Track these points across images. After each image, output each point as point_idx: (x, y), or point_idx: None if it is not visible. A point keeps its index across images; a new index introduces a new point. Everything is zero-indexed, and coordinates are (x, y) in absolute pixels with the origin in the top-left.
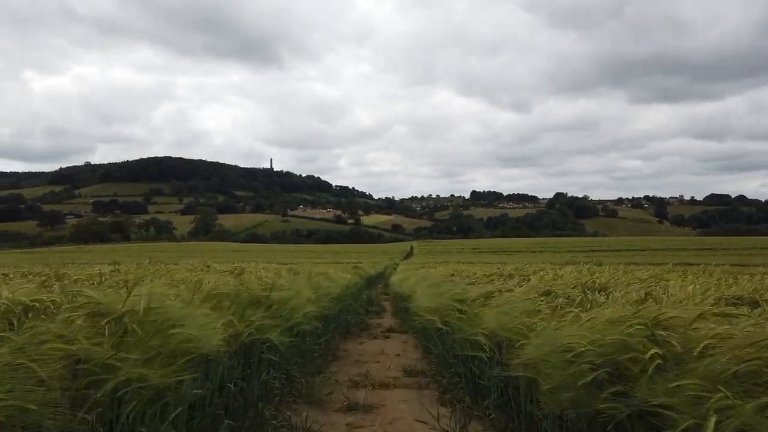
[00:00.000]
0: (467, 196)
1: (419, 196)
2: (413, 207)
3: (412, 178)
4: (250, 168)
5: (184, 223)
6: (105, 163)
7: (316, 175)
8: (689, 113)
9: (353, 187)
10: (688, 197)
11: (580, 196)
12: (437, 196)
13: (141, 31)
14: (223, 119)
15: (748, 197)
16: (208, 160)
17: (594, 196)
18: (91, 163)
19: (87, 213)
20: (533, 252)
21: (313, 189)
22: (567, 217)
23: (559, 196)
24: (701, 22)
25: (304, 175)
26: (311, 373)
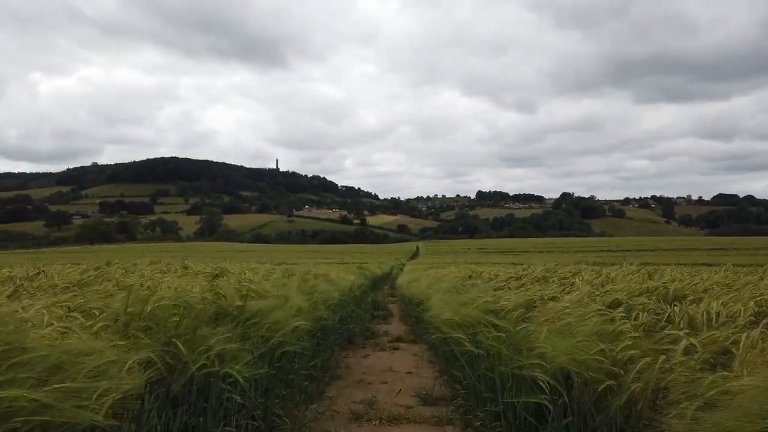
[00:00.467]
0: (473, 196)
1: (425, 197)
2: (419, 207)
3: (418, 178)
4: (256, 168)
5: (189, 223)
6: (112, 163)
7: (322, 176)
8: (695, 113)
9: (359, 188)
10: (695, 197)
11: (587, 197)
12: (443, 196)
13: (145, 32)
14: (228, 120)
15: (757, 197)
16: (214, 160)
17: (600, 196)
18: (98, 164)
19: (94, 213)
20: (541, 252)
21: (319, 189)
22: (573, 217)
23: (566, 197)
24: (706, 21)
25: (309, 175)
26: (301, 403)
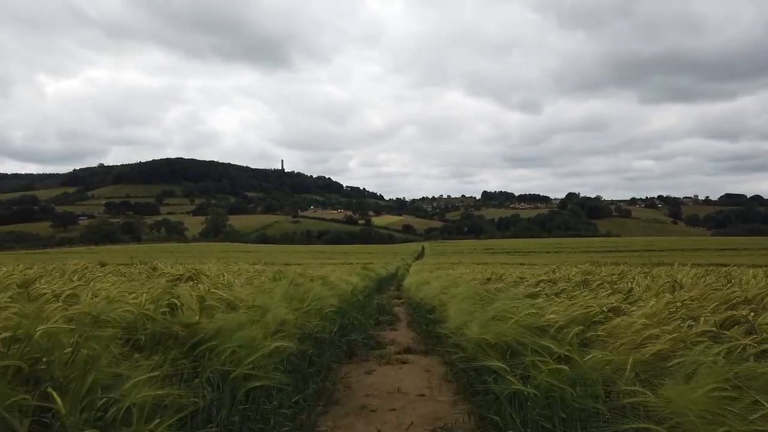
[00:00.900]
0: (478, 196)
1: (430, 197)
2: (424, 208)
3: (423, 178)
4: (261, 169)
5: (195, 224)
6: (118, 164)
7: (327, 176)
8: (701, 113)
9: (364, 188)
10: (702, 197)
11: (593, 197)
12: (448, 196)
13: (150, 33)
14: (233, 121)
15: (764, 197)
16: (219, 161)
17: (606, 196)
18: (104, 164)
19: (100, 214)
20: (548, 252)
21: (324, 190)
22: (579, 217)
23: (572, 197)
24: (712, 21)
25: (314, 176)
26: None
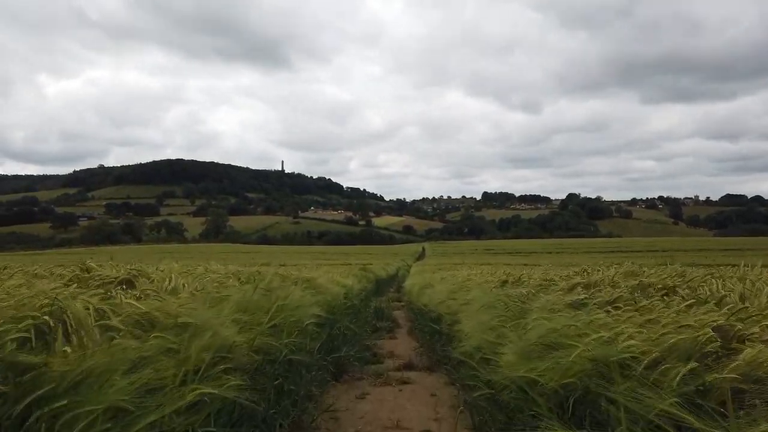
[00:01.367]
0: (478, 197)
1: (430, 198)
2: (424, 208)
3: (423, 179)
4: (262, 170)
5: (195, 224)
6: (118, 165)
7: (327, 177)
8: (702, 113)
9: (364, 189)
10: (703, 198)
11: (593, 197)
12: (448, 197)
13: (151, 34)
14: (233, 122)
15: (765, 197)
16: (220, 162)
17: (607, 197)
18: (105, 165)
19: (100, 215)
20: (550, 253)
21: (324, 191)
22: (580, 218)
23: (572, 197)
24: (713, 21)
25: (315, 176)
26: None
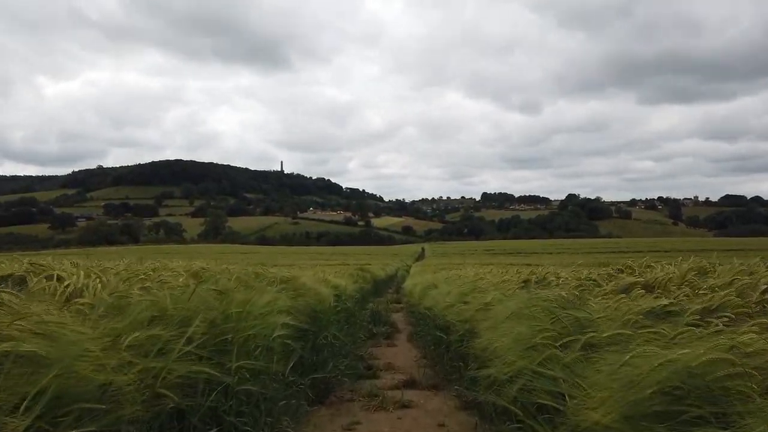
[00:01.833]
0: (478, 197)
1: (430, 198)
2: (424, 209)
3: (423, 180)
4: (261, 170)
5: (194, 225)
6: (117, 166)
7: (327, 178)
8: (701, 114)
9: (363, 189)
10: (702, 198)
11: (593, 198)
12: (448, 198)
13: (150, 35)
14: (233, 122)
15: (765, 198)
16: (219, 162)
17: (606, 197)
18: (104, 166)
19: (99, 216)
20: (550, 254)
21: (323, 191)
22: (580, 218)
23: (572, 198)
24: (712, 21)
25: (314, 177)
26: None
